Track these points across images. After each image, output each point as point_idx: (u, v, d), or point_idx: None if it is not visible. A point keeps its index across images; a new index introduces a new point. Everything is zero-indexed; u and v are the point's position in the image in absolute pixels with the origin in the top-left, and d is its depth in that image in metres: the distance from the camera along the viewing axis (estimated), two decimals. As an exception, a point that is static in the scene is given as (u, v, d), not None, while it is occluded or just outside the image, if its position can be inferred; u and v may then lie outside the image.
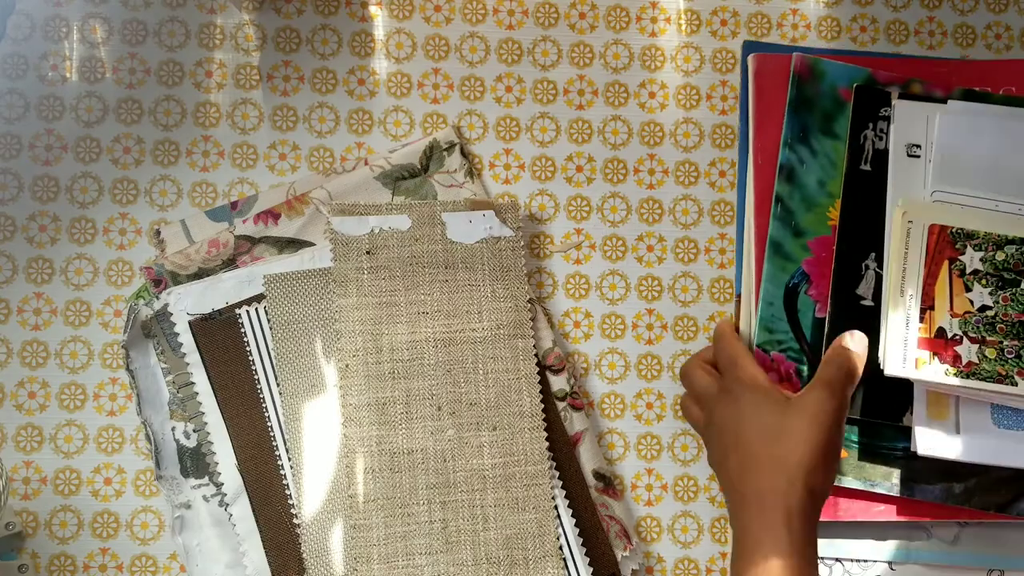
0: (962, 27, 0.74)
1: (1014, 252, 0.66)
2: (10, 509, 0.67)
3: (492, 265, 0.68)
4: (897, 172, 0.69)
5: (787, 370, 0.67)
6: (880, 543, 0.68)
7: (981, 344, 0.65)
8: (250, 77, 0.72)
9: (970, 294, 0.66)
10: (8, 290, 0.69)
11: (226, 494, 0.65)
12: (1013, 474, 0.67)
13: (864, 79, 0.70)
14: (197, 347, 0.66)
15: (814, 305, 0.68)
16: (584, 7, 0.73)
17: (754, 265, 0.69)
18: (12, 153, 0.70)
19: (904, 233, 0.66)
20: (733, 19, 0.74)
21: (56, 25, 0.71)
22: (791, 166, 0.69)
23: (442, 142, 0.70)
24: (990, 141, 0.68)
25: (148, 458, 0.68)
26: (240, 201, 0.69)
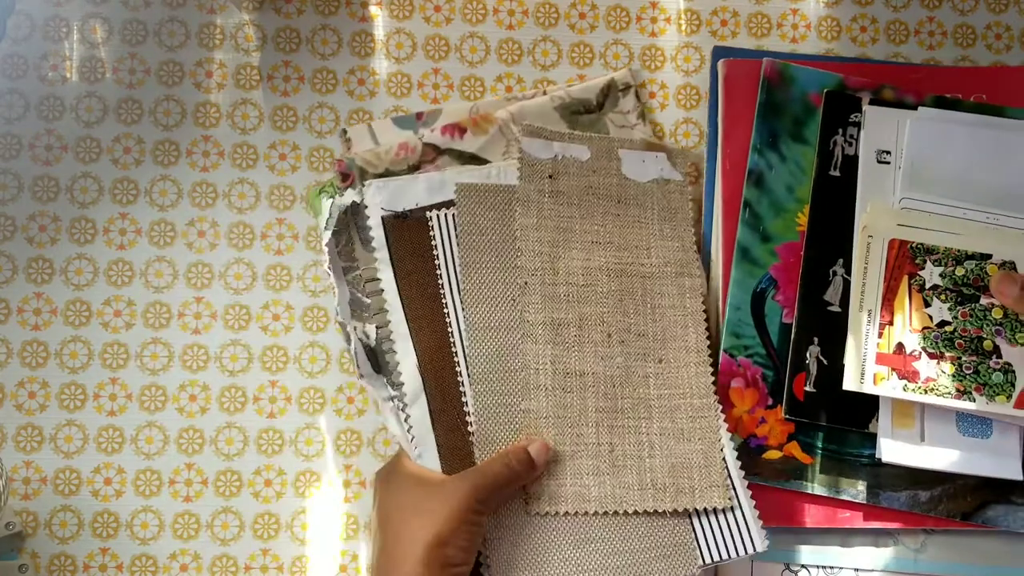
0: (962, 27, 0.74)
1: (973, 267, 0.66)
2: (10, 509, 0.67)
3: (661, 205, 0.68)
4: (866, 178, 0.69)
5: (753, 375, 0.68)
6: (846, 550, 0.68)
7: (940, 360, 0.65)
8: (250, 77, 0.72)
9: (929, 309, 0.66)
10: (8, 290, 0.69)
11: (406, 394, 0.64)
12: (979, 482, 0.67)
13: (834, 85, 0.70)
14: (387, 244, 0.66)
15: (781, 311, 0.68)
16: (584, 7, 0.73)
17: (721, 270, 0.69)
18: (12, 153, 0.70)
19: (864, 248, 0.67)
20: (733, 19, 0.74)
21: (56, 25, 0.71)
22: (760, 171, 0.69)
23: (619, 82, 0.71)
24: (960, 149, 0.68)
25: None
26: (426, 113, 0.70)
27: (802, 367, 0.67)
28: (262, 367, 0.70)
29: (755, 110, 0.70)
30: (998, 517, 0.67)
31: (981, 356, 0.65)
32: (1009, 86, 0.71)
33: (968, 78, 0.72)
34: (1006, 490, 0.67)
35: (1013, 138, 0.68)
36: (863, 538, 0.68)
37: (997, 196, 0.68)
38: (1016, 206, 0.68)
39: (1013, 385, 0.65)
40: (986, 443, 0.66)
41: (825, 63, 0.72)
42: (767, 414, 0.67)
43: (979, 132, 0.69)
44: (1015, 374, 0.65)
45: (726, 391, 0.67)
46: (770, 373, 0.68)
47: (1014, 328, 0.65)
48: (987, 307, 0.66)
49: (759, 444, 0.67)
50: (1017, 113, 0.69)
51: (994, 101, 0.71)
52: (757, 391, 0.67)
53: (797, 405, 0.67)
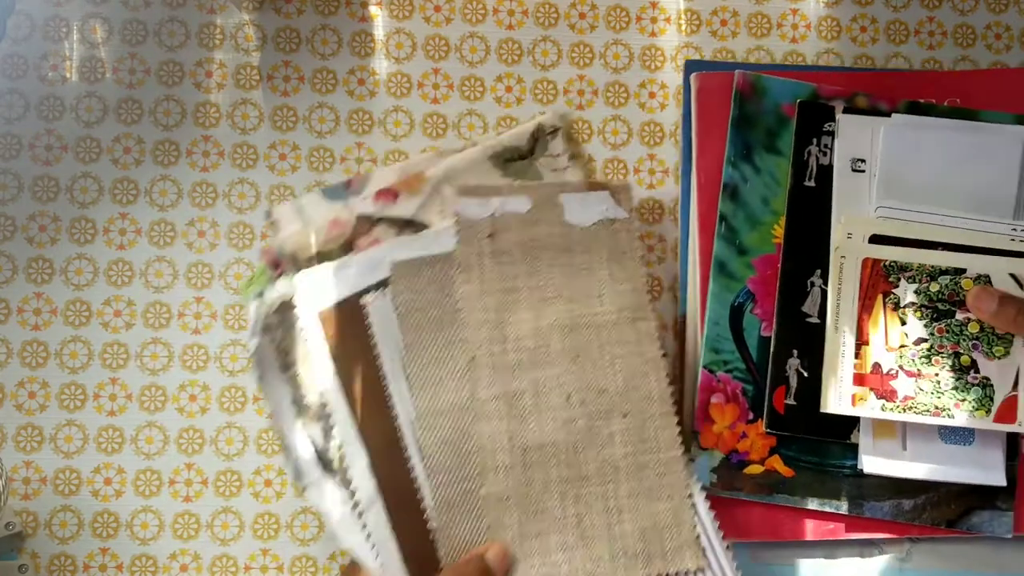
0: (962, 27, 0.74)
1: (948, 283, 0.66)
2: (10, 509, 0.67)
3: (609, 247, 0.65)
4: (842, 188, 0.68)
5: (733, 390, 0.67)
6: (831, 561, 0.68)
7: (917, 377, 0.65)
8: (250, 77, 0.72)
9: (905, 327, 0.66)
10: (8, 290, 0.69)
11: (360, 500, 0.61)
12: (963, 489, 0.67)
13: (808, 94, 0.70)
14: (324, 338, 0.63)
15: (760, 324, 0.68)
16: (584, 7, 0.73)
17: (699, 285, 0.69)
18: (12, 153, 0.70)
19: (837, 269, 0.66)
20: (733, 19, 0.74)
21: (56, 25, 0.71)
22: (734, 184, 0.69)
23: (547, 126, 0.69)
24: (935, 154, 0.68)
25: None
26: (354, 180, 0.68)
27: (782, 380, 0.67)
28: (262, 367, 0.70)
29: (728, 123, 0.70)
30: (983, 523, 0.67)
31: (959, 372, 0.65)
32: (982, 89, 0.71)
33: (941, 82, 0.71)
34: (990, 496, 0.67)
35: (988, 141, 0.68)
36: (848, 549, 0.68)
37: (974, 200, 0.67)
38: (994, 210, 0.67)
39: (992, 399, 0.65)
40: (969, 450, 0.66)
41: (797, 73, 0.71)
42: (748, 428, 0.67)
43: (953, 137, 0.68)
44: (993, 388, 0.65)
45: (706, 407, 0.67)
46: (750, 387, 0.67)
47: (991, 342, 0.65)
48: (963, 322, 0.65)
49: (740, 459, 0.67)
50: (991, 116, 0.69)
51: (968, 105, 0.70)
52: (737, 406, 0.67)
53: (778, 418, 0.67)
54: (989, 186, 0.67)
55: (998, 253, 0.66)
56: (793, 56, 0.73)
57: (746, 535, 0.67)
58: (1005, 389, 0.65)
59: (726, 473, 0.67)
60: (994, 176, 0.68)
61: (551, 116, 0.69)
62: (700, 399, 0.67)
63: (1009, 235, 0.67)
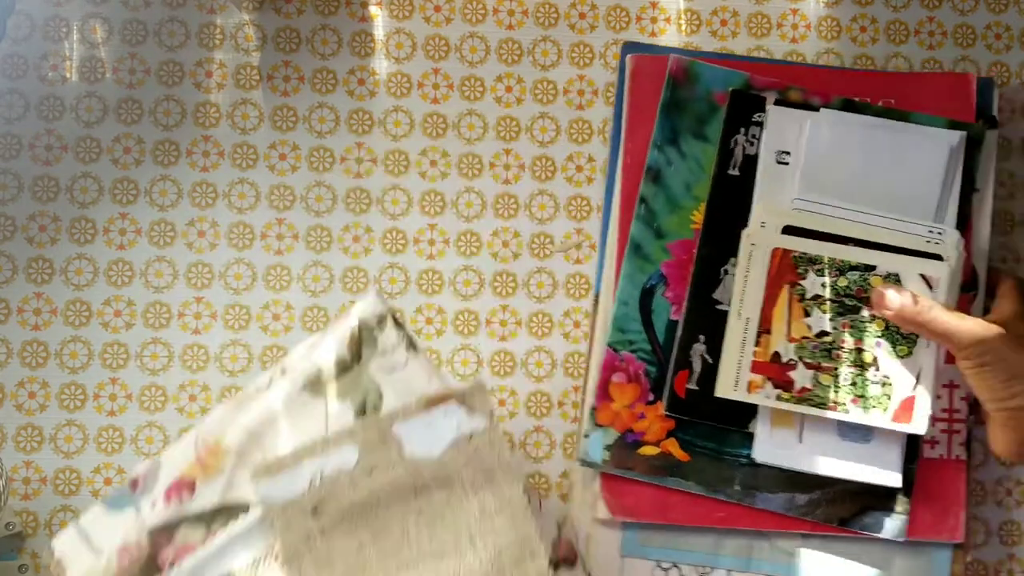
0: (962, 27, 0.74)
1: (857, 278, 0.65)
2: (10, 509, 0.67)
3: (472, 470, 0.54)
4: (765, 178, 0.68)
5: (636, 370, 0.67)
6: (720, 550, 0.68)
7: (817, 370, 0.65)
8: (250, 77, 0.72)
9: (809, 319, 0.65)
10: (8, 290, 0.69)
11: None
12: (859, 488, 0.66)
13: (740, 83, 0.69)
14: None
15: (669, 307, 0.68)
16: (584, 7, 0.73)
17: (615, 266, 0.69)
18: (12, 153, 0.70)
19: (747, 257, 0.66)
20: (733, 19, 0.74)
21: (56, 25, 0.71)
22: (658, 167, 0.69)
23: (369, 320, 0.56)
24: (857, 152, 0.67)
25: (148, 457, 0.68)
26: (140, 477, 0.56)
27: (686, 364, 0.67)
28: (262, 367, 0.70)
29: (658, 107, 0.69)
30: (876, 524, 0.66)
31: (860, 368, 0.65)
32: (918, 92, 0.70)
33: (878, 82, 0.71)
34: (887, 498, 0.66)
35: (914, 143, 0.67)
36: (738, 539, 0.68)
37: (896, 200, 0.67)
38: (916, 211, 0.67)
39: (890, 398, 0.64)
40: (866, 449, 0.66)
41: (733, 62, 0.71)
42: (647, 410, 0.67)
43: (880, 136, 0.68)
44: (892, 387, 0.65)
45: (606, 385, 0.67)
46: (653, 369, 0.67)
47: (894, 341, 0.65)
48: (868, 319, 0.65)
49: (635, 439, 0.67)
50: (923, 119, 0.69)
51: (903, 106, 0.70)
52: (639, 386, 0.67)
53: (678, 402, 0.67)
54: (912, 187, 0.67)
55: (912, 253, 0.65)
56: (793, 56, 0.73)
57: (635, 515, 0.67)
58: (905, 389, 0.64)
59: (620, 452, 0.67)
60: (917, 178, 0.67)
61: (369, 306, 0.57)
62: (601, 376, 0.67)
63: (926, 236, 0.66)
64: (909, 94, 0.70)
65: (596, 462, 0.67)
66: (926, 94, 0.70)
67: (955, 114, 0.69)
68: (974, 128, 0.69)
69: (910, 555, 0.67)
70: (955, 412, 0.69)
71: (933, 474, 0.68)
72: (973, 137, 0.68)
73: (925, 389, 0.64)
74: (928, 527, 0.67)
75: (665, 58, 0.70)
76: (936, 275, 0.65)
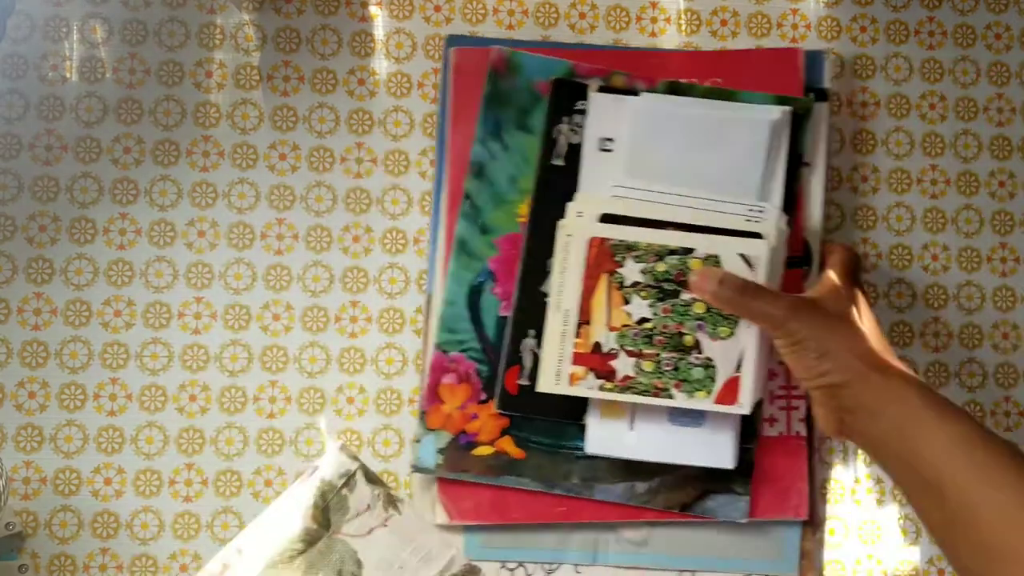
0: (962, 27, 0.74)
1: (676, 262, 0.64)
2: (10, 509, 0.67)
3: None
4: (589, 167, 0.67)
5: (466, 370, 0.67)
6: (565, 545, 0.67)
7: (638, 357, 0.64)
8: (250, 77, 0.72)
9: (628, 307, 0.64)
10: (8, 290, 0.69)
11: None
12: (699, 472, 0.66)
13: (563, 72, 0.68)
14: None
15: (498, 304, 0.67)
16: (584, 7, 0.73)
17: (442, 266, 0.68)
18: (12, 153, 0.70)
19: (563, 248, 0.64)
20: (733, 19, 0.74)
21: (56, 25, 0.71)
22: (482, 162, 0.68)
23: (334, 480, 0.51)
24: (679, 135, 0.66)
25: (147, 458, 0.68)
26: None
27: (517, 360, 0.66)
28: (262, 367, 0.70)
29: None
30: (718, 508, 0.66)
31: (682, 352, 0.64)
32: (745, 70, 0.69)
33: (704, 62, 0.70)
34: (727, 480, 0.66)
35: (733, 121, 0.66)
36: (584, 533, 0.67)
37: (719, 180, 0.66)
38: (740, 190, 0.66)
39: (713, 380, 0.63)
40: (698, 433, 0.65)
41: (557, 50, 0.70)
42: (479, 409, 0.67)
43: (701, 116, 0.67)
44: (715, 369, 0.63)
45: (436, 387, 0.67)
46: (484, 368, 0.67)
47: (716, 323, 0.64)
48: (689, 302, 0.64)
49: (469, 440, 0.66)
50: (749, 96, 0.68)
51: (730, 85, 0.69)
52: (470, 386, 0.67)
53: (509, 399, 0.66)
54: (734, 166, 0.66)
55: (733, 233, 0.64)
56: (793, 56, 0.73)
57: (475, 518, 0.66)
58: (728, 370, 0.63)
59: (454, 454, 0.66)
60: (740, 156, 0.66)
61: (334, 461, 0.50)
62: (430, 379, 0.67)
63: (745, 215, 0.65)
64: (737, 73, 0.69)
65: (429, 467, 0.66)
66: (753, 71, 0.69)
67: (783, 89, 0.69)
68: (800, 102, 0.68)
69: (759, 535, 0.67)
70: (793, 389, 0.68)
71: (774, 452, 0.67)
72: (798, 112, 0.68)
73: (749, 369, 0.63)
74: (772, 506, 0.67)
75: (487, 50, 0.69)
76: (755, 254, 0.63)
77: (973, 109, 0.74)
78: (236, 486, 0.69)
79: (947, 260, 0.73)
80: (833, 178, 0.72)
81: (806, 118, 0.68)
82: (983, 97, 0.74)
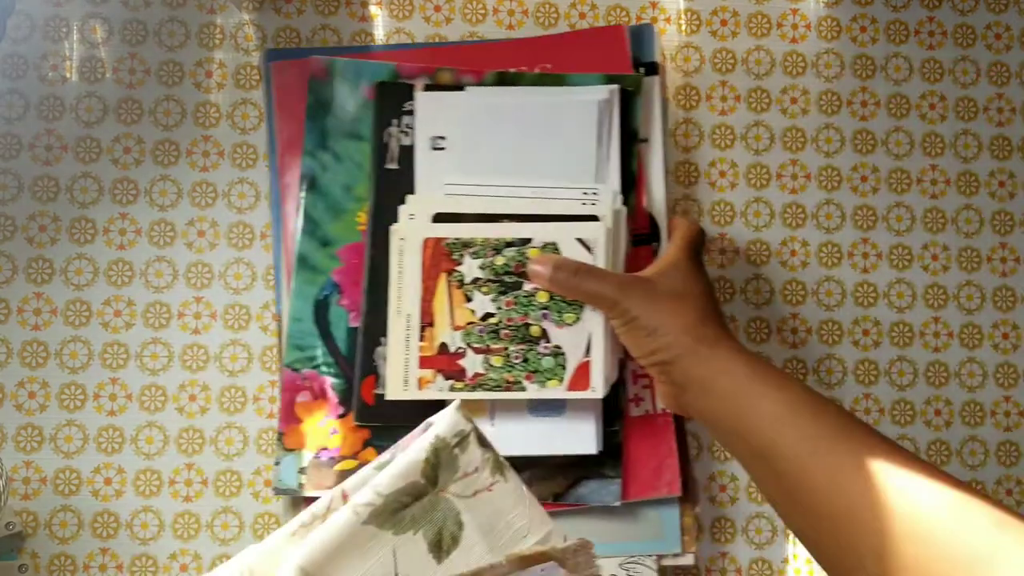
0: (962, 27, 0.74)
1: (514, 254, 0.63)
2: (10, 509, 0.67)
3: None
4: (423, 167, 0.66)
5: (321, 386, 0.66)
6: None
7: (487, 353, 0.63)
8: (250, 77, 0.72)
9: (471, 304, 0.63)
10: (8, 290, 0.69)
11: None
12: (570, 461, 0.65)
13: (387, 74, 0.68)
14: None
15: (347, 315, 0.66)
16: (584, 7, 0.73)
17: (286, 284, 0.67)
18: (12, 153, 0.70)
19: (398, 252, 0.64)
20: (733, 19, 0.74)
21: (56, 25, 0.71)
22: (313, 174, 0.67)
23: (448, 437, 0.50)
24: (511, 125, 0.66)
25: (147, 458, 0.68)
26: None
27: (371, 369, 0.65)
28: (262, 367, 0.70)
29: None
30: (591, 494, 0.65)
31: (530, 343, 0.63)
32: (572, 53, 0.69)
33: (530, 49, 0.69)
34: (597, 465, 0.65)
35: (562, 106, 0.66)
36: None
37: (555, 167, 0.65)
38: (577, 174, 0.65)
39: (564, 367, 0.63)
40: (559, 422, 0.64)
41: (378, 53, 0.69)
42: (339, 424, 0.65)
43: (529, 105, 0.66)
44: (565, 356, 0.63)
45: (291, 406, 0.66)
46: (339, 381, 0.66)
47: (560, 310, 0.63)
48: (531, 293, 0.63)
49: (331, 457, 0.65)
50: (579, 79, 0.67)
51: (560, 70, 0.68)
52: (326, 401, 0.66)
53: (368, 410, 0.65)
54: (568, 151, 0.66)
55: (570, 219, 0.64)
56: (793, 56, 0.73)
57: None
58: (578, 356, 0.63)
59: (317, 473, 0.65)
60: (573, 140, 0.66)
61: (450, 419, 0.51)
62: (284, 399, 0.66)
63: (580, 200, 0.65)
64: (565, 56, 0.69)
65: (292, 487, 0.65)
66: (581, 53, 0.69)
67: (612, 68, 0.68)
68: (628, 79, 0.68)
69: (638, 516, 0.66)
70: None
71: (642, 432, 0.66)
72: (629, 88, 0.67)
73: (598, 353, 0.63)
74: (644, 485, 0.66)
75: (307, 61, 0.68)
76: (593, 236, 0.63)
77: (973, 109, 0.74)
78: (236, 486, 0.69)
79: (947, 260, 0.73)
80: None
81: (637, 94, 0.68)
82: (983, 97, 0.74)
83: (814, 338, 0.72)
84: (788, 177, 0.73)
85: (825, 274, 0.72)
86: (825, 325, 0.72)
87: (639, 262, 0.66)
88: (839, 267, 0.72)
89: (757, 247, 0.72)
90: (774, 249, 0.72)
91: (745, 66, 0.73)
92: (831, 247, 0.72)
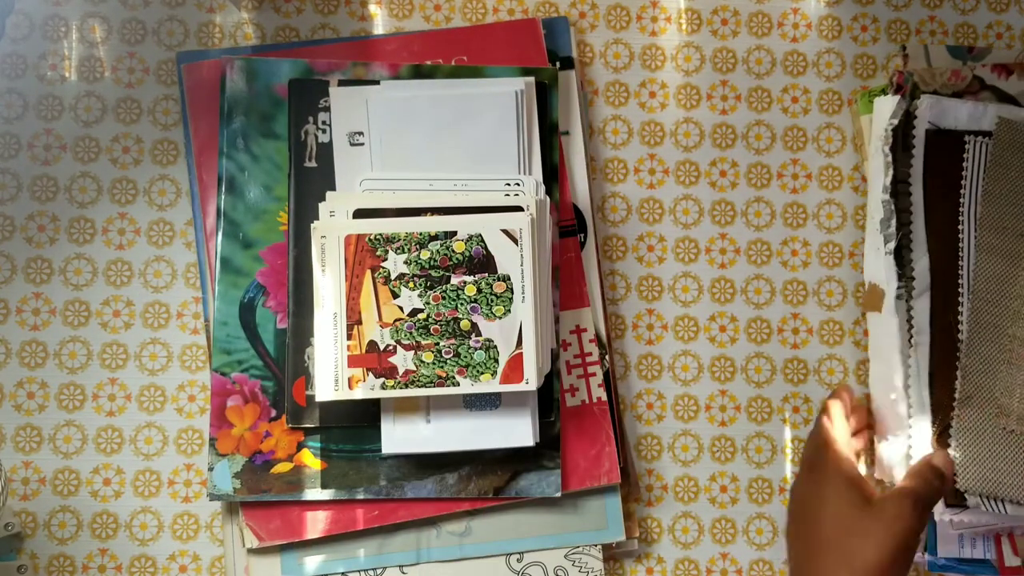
0: (963, 27, 0.74)
1: (439, 248, 0.62)
2: (9, 509, 0.67)
3: None
4: (342, 164, 0.66)
5: (251, 389, 0.65)
6: (386, 548, 0.66)
7: (417, 350, 0.62)
8: (249, 77, 0.71)
9: (398, 300, 0.62)
10: (7, 290, 0.69)
11: (915, 288, 0.66)
12: (506, 455, 0.65)
13: (300, 71, 0.67)
14: (924, 154, 0.67)
15: (275, 317, 0.66)
16: (584, 7, 0.73)
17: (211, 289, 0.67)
18: (11, 153, 0.70)
19: (320, 250, 0.62)
20: (734, 19, 0.73)
21: (55, 25, 0.71)
22: (231, 176, 0.67)
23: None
24: (428, 119, 0.66)
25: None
26: (976, 48, 0.72)
27: (302, 371, 0.65)
28: (261, 367, 0.70)
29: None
30: (531, 486, 0.65)
31: (460, 337, 0.62)
32: (488, 46, 0.69)
33: (447, 41, 0.69)
34: (536, 457, 0.65)
35: (478, 98, 0.66)
36: (404, 533, 0.66)
37: (477, 159, 0.65)
38: (500, 164, 0.65)
39: (496, 361, 0.62)
40: (495, 416, 0.64)
41: (289, 51, 0.69)
42: (272, 427, 0.65)
43: (445, 98, 0.66)
44: (497, 349, 0.62)
45: (222, 411, 0.65)
46: (270, 384, 0.65)
47: (489, 303, 0.62)
48: (459, 286, 0.62)
49: (266, 460, 0.65)
50: (495, 71, 0.67)
51: (476, 62, 0.68)
52: (258, 405, 0.65)
53: (300, 411, 0.65)
54: (488, 143, 0.66)
55: (492, 211, 0.63)
56: (793, 56, 0.73)
57: (286, 536, 0.65)
58: (509, 348, 0.62)
59: (251, 476, 0.64)
60: (492, 132, 0.66)
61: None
62: (213, 404, 0.65)
63: (503, 191, 0.64)
64: (481, 49, 0.69)
65: (227, 492, 0.64)
66: (497, 46, 0.69)
67: (528, 61, 0.68)
68: (544, 72, 0.68)
69: (580, 506, 0.67)
70: (587, 355, 0.67)
71: (578, 422, 0.67)
72: (545, 81, 0.67)
73: (530, 344, 0.62)
74: (584, 475, 0.66)
75: (218, 62, 0.68)
76: (517, 227, 0.62)
77: (974, 109, 0.74)
78: (235, 486, 0.68)
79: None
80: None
81: (553, 87, 0.68)
82: (984, 97, 0.74)
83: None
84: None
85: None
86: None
87: (566, 253, 0.67)
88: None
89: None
90: (775, 249, 0.72)
91: (746, 65, 0.73)
92: (832, 247, 0.72)
